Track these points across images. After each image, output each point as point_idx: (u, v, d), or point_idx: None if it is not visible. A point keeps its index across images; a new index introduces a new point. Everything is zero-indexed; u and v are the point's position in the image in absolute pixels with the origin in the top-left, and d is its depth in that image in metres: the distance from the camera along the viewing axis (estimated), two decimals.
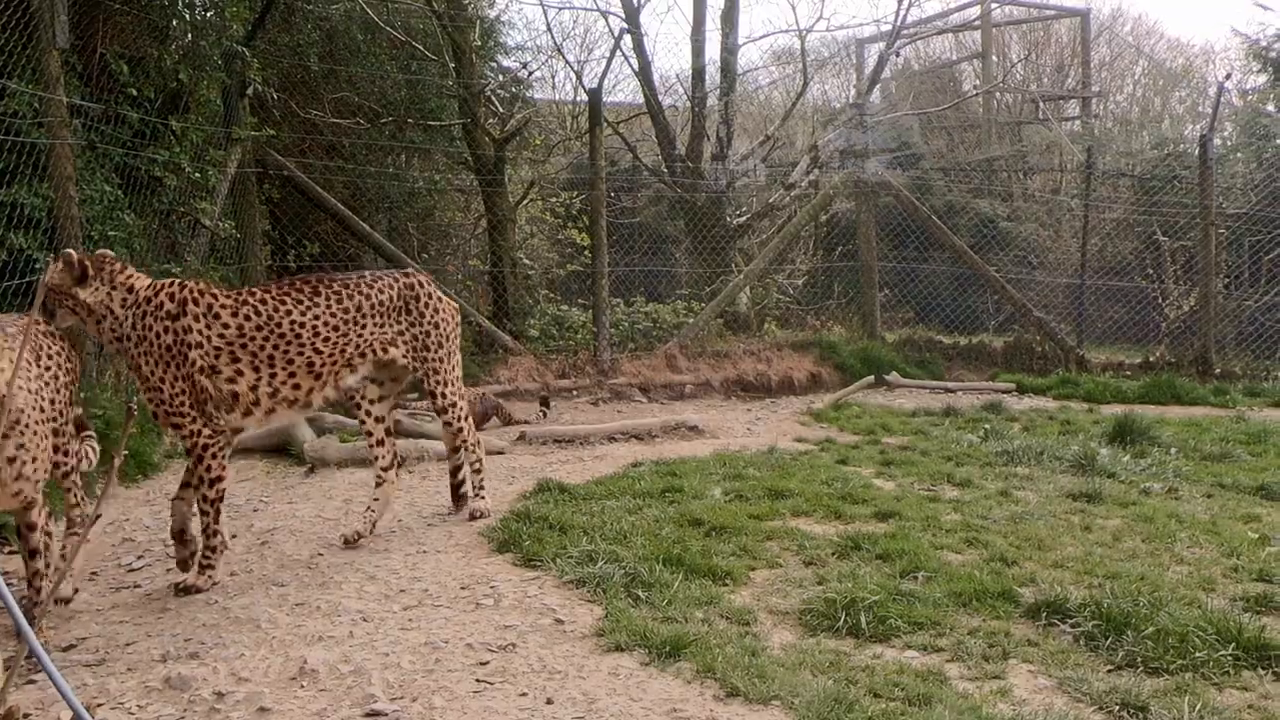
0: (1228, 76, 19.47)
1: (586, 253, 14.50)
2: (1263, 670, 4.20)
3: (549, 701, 3.88)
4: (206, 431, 5.35)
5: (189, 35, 10.88)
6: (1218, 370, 14.11)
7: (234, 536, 6.22)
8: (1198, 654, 4.23)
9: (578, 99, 18.78)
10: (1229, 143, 17.99)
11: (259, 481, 7.96)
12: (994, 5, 22.94)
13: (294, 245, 12.50)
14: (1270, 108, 19.52)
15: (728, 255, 15.56)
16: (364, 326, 5.91)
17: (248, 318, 5.47)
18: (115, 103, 9.25)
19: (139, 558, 5.94)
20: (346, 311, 5.82)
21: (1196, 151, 15.22)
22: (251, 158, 11.33)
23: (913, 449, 9.13)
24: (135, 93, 9.46)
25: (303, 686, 4.01)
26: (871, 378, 13.04)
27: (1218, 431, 9.98)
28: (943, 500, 7.14)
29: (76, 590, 5.24)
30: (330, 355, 5.73)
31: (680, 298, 15.33)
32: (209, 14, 11.29)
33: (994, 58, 23.57)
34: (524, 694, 3.95)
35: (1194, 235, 15.03)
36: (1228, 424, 10.51)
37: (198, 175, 10.38)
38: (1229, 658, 4.22)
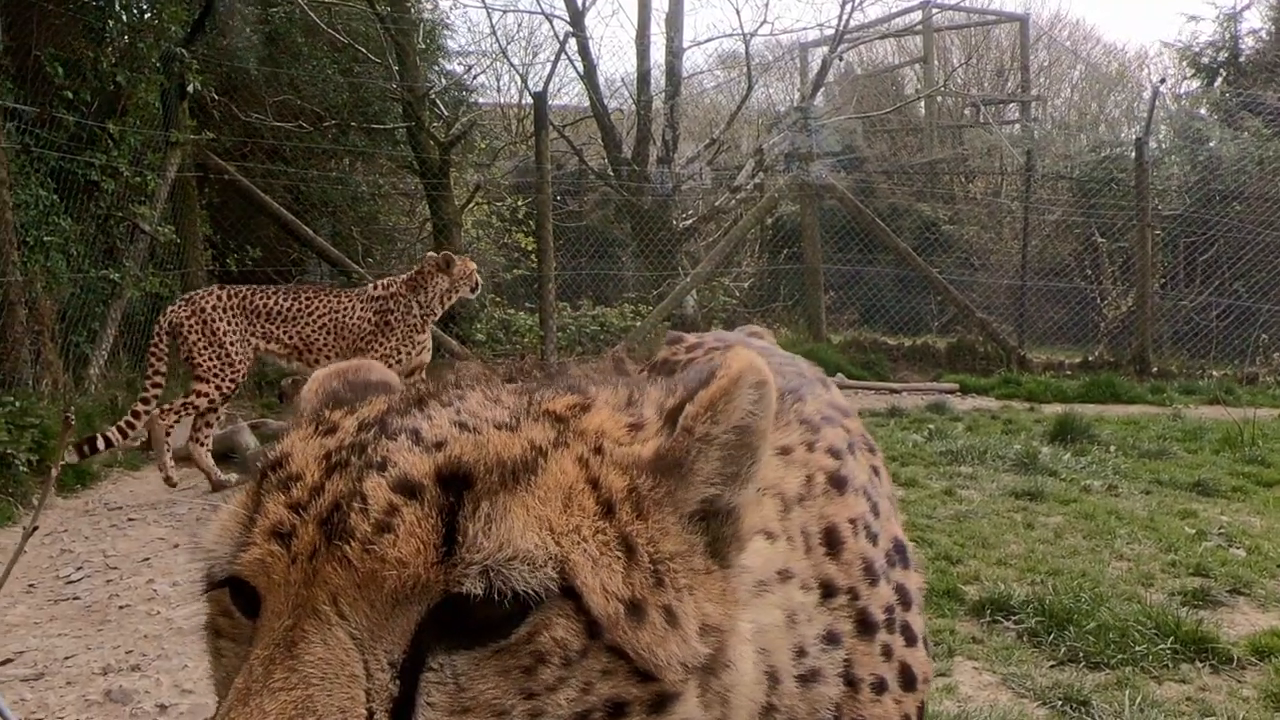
0: (1162, 81, 19.85)
1: (533, 256, 14.46)
2: (1200, 663, 4.29)
3: None
4: None
5: (126, 37, 10.69)
6: (1155, 369, 14.36)
7: (176, 546, 6.12)
8: (1137, 648, 4.31)
9: (523, 102, 18.75)
10: (1163, 146, 18.32)
11: (203, 488, 7.84)
12: (935, 10, 23.20)
13: (235, 250, 12.33)
14: (1203, 111, 19.92)
15: (674, 258, 15.59)
16: None
17: None
18: (50, 105, 9.08)
19: (78, 569, 5.81)
20: None
21: (1132, 155, 15.49)
22: (191, 161, 11.17)
23: None
24: (71, 95, 9.28)
25: None
26: None
27: (1155, 429, 10.17)
28: None
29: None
30: None
31: (627, 301, 15.33)
32: (146, 15, 11.11)
33: (935, 62, 23.84)
34: None
35: (1131, 237, 15.30)
36: (1165, 422, 10.70)
37: (136, 179, 10.21)
38: (1168, 651, 4.31)
